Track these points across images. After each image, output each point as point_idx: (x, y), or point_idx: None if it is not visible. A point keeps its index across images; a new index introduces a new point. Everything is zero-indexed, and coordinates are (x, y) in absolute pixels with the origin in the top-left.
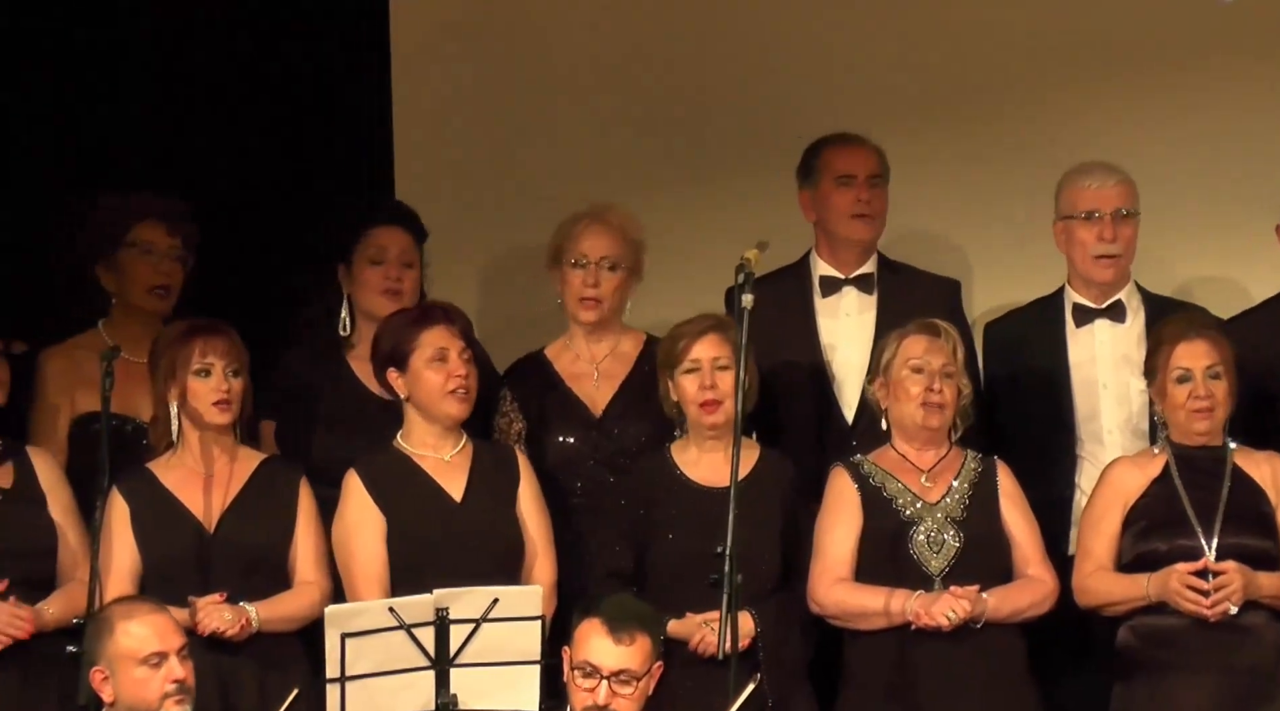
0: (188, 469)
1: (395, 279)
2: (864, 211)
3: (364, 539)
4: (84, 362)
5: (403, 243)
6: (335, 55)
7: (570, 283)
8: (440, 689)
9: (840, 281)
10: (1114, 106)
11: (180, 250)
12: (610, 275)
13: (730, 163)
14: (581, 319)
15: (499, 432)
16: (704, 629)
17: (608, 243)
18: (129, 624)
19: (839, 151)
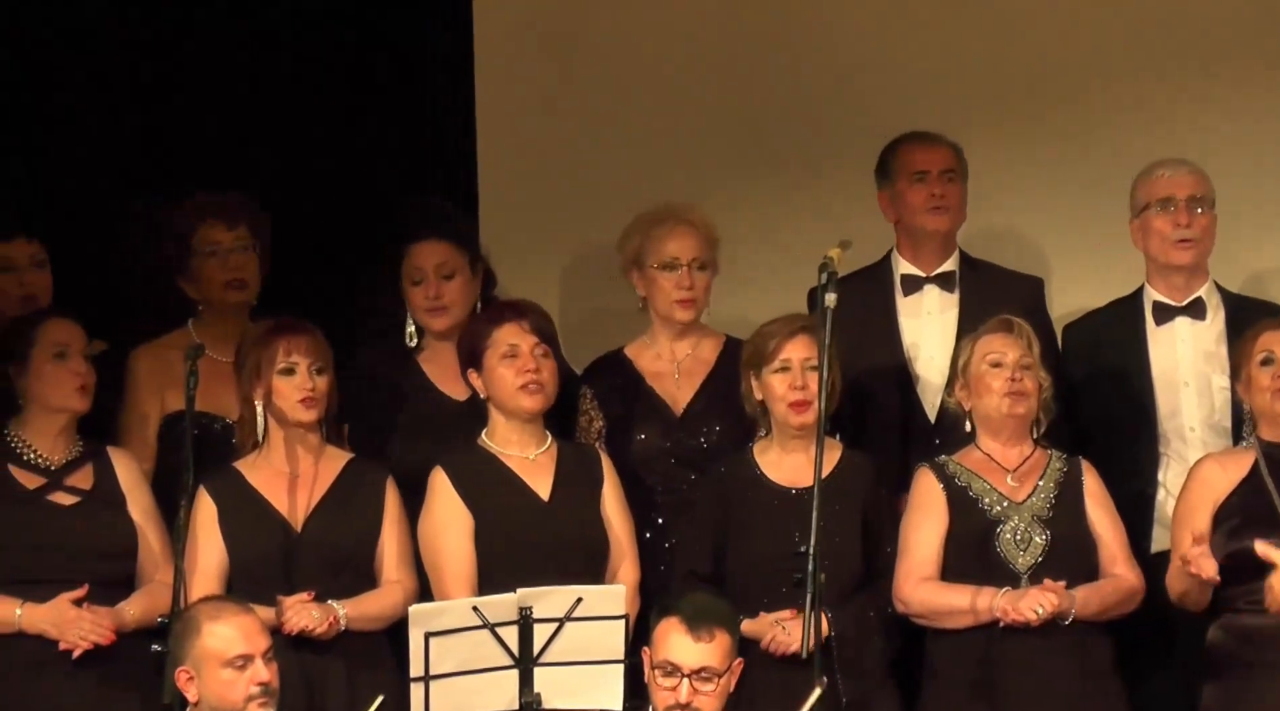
0: (274, 468)
1: (435, 297)
2: (938, 204)
3: (452, 537)
4: (174, 362)
5: (440, 255)
6: (419, 57)
7: (661, 285)
8: (524, 688)
9: (921, 280)
10: (1194, 105)
11: (247, 240)
12: (701, 274)
13: (810, 162)
14: (679, 318)
15: (580, 431)
16: (776, 628)
17: (695, 243)
18: (215, 625)
19: (913, 148)
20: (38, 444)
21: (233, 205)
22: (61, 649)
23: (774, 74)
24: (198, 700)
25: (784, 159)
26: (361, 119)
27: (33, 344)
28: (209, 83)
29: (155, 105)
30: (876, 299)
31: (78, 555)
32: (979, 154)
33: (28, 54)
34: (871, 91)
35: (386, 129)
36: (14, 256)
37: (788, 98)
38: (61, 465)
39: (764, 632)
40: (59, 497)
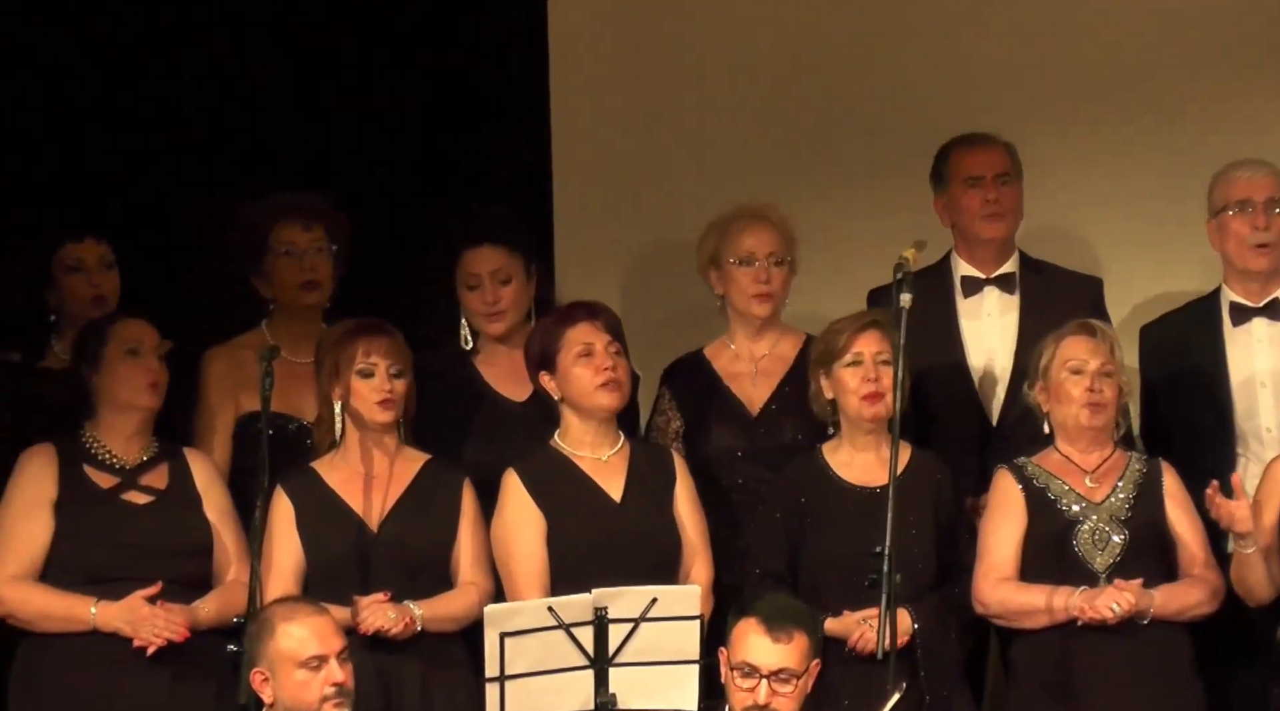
0: (351, 469)
1: (492, 302)
2: (994, 210)
3: (524, 538)
4: (247, 362)
5: (496, 261)
6: (492, 60)
7: (738, 281)
8: (599, 688)
9: (981, 281)
10: (1254, 104)
11: (322, 241)
12: (778, 270)
13: (875, 162)
14: (756, 313)
15: (657, 431)
16: (862, 626)
17: (772, 238)
18: (290, 626)
19: (965, 153)
20: (112, 444)
21: (311, 206)
22: (135, 646)
23: (840, 75)
24: (273, 701)
25: (850, 159)
26: (435, 121)
27: (105, 342)
28: (281, 82)
29: (230, 104)
30: (937, 301)
31: (152, 553)
32: (1039, 153)
33: (98, 53)
34: (935, 91)
35: (460, 132)
36: (84, 257)
37: (854, 98)
38: (136, 465)
39: (850, 631)
40: (133, 497)
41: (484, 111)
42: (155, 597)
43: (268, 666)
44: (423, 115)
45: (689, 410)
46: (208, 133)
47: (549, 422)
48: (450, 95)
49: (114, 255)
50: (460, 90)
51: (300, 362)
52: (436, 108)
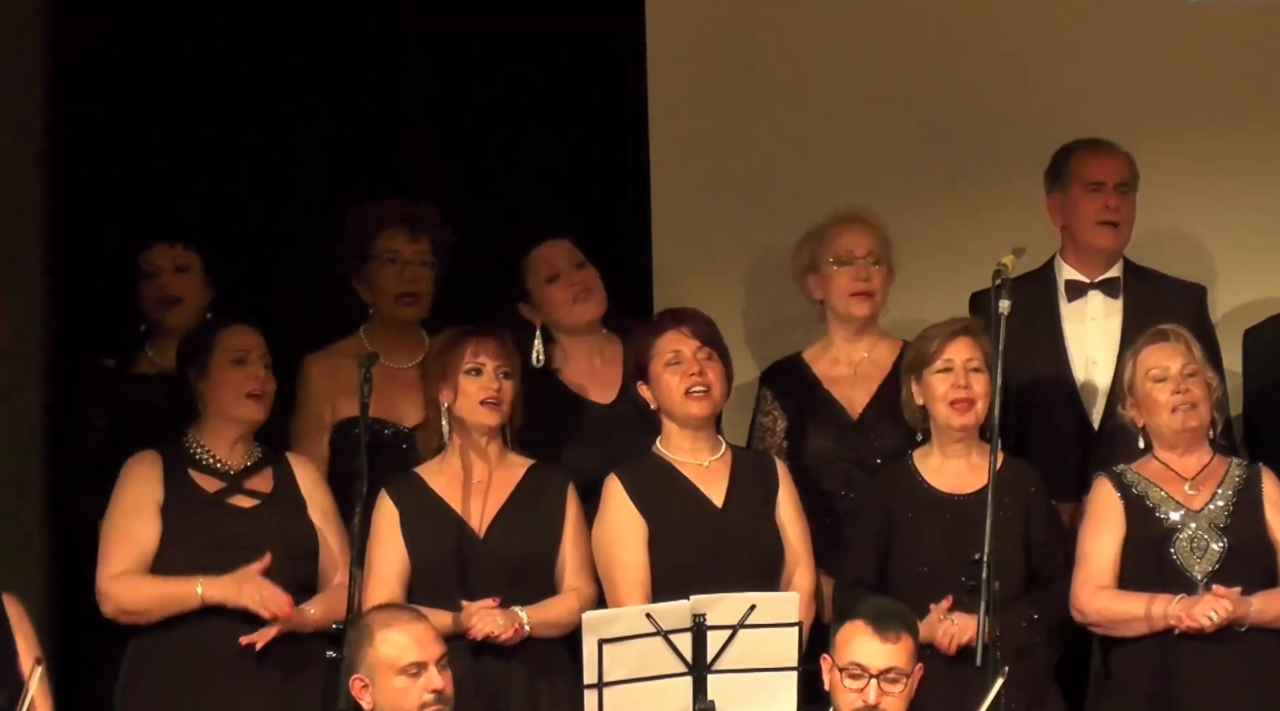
0: (455, 474)
1: (580, 283)
2: (1111, 218)
3: (626, 545)
4: (345, 368)
5: (566, 249)
6: (591, 67)
7: (837, 281)
8: (698, 695)
9: (1086, 285)
10: None
11: (427, 255)
12: (877, 270)
13: (980, 168)
14: (856, 313)
15: (762, 430)
16: (945, 621)
17: (869, 239)
18: (389, 633)
19: (1089, 157)
20: (216, 449)
21: (420, 216)
22: (243, 643)
23: (946, 81)
24: (372, 707)
25: (954, 165)
26: (533, 132)
27: (212, 350)
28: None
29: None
30: (1040, 304)
31: (257, 556)
32: (1147, 158)
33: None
34: (1042, 97)
35: (558, 141)
36: (158, 262)
37: (960, 104)
38: (240, 469)
39: (934, 631)
40: (239, 500)
41: (582, 119)
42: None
43: (367, 673)
44: (521, 126)
45: (789, 412)
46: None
47: (642, 419)
48: (547, 104)
49: (189, 258)
50: (557, 99)
51: (397, 368)
52: (534, 117)
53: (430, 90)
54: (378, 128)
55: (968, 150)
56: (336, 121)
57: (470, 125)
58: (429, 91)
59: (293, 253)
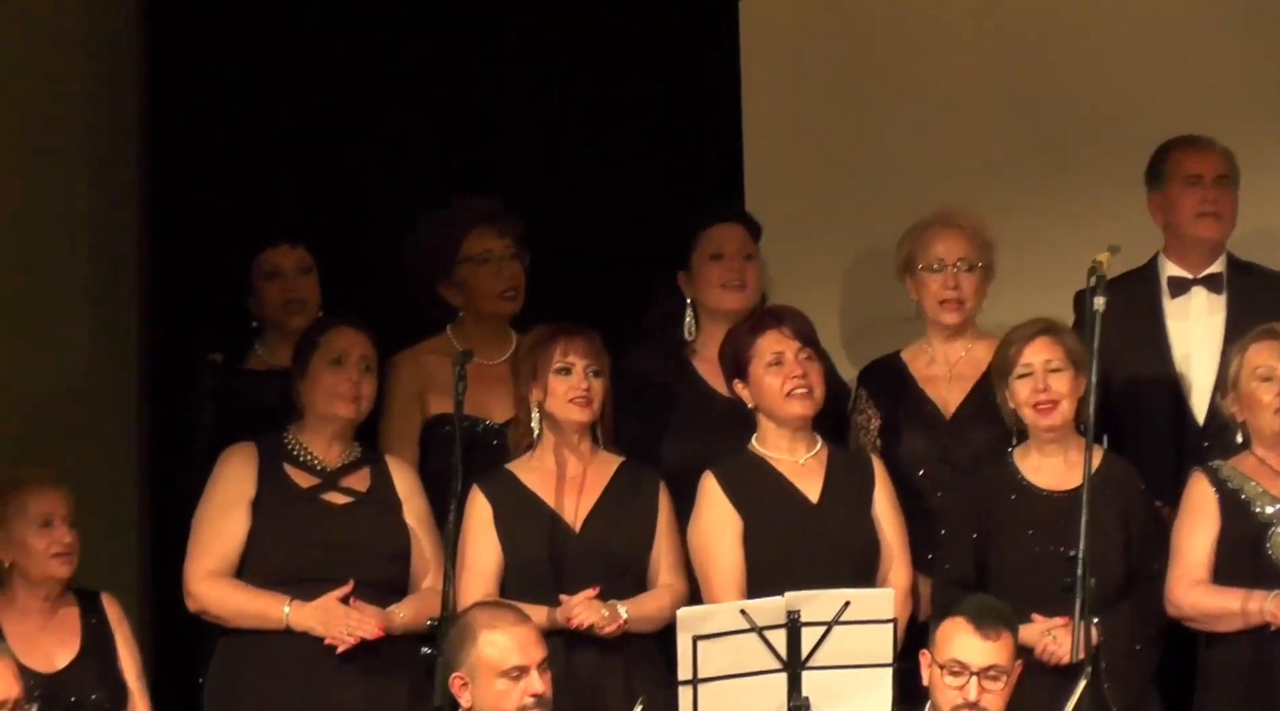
0: (546, 470)
1: (737, 271)
2: (1211, 210)
3: (721, 541)
4: (434, 366)
5: (740, 236)
6: (684, 57)
7: (928, 287)
8: (792, 691)
9: (1189, 282)
10: None
11: (514, 248)
12: (968, 276)
13: (1081, 167)
14: (945, 321)
15: (857, 429)
16: (1046, 637)
17: (962, 244)
18: (492, 634)
19: (1186, 153)
20: (314, 447)
21: (502, 213)
22: (328, 644)
23: (1047, 79)
24: (470, 706)
25: (1055, 163)
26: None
27: (314, 350)
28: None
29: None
30: (1143, 302)
31: (349, 554)
32: (1250, 156)
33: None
34: (1142, 94)
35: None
36: (281, 263)
37: (1060, 103)
38: (337, 467)
39: (1034, 641)
40: (333, 497)
41: (676, 117)
42: (348, 597)
43: (468, 672)
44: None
45: (885, 410)
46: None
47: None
48: (642, 102)
49: (312, 260)
50: (652, 97)
51: (486, 364)
52: (628, 114)
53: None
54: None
55: (1073, 147)
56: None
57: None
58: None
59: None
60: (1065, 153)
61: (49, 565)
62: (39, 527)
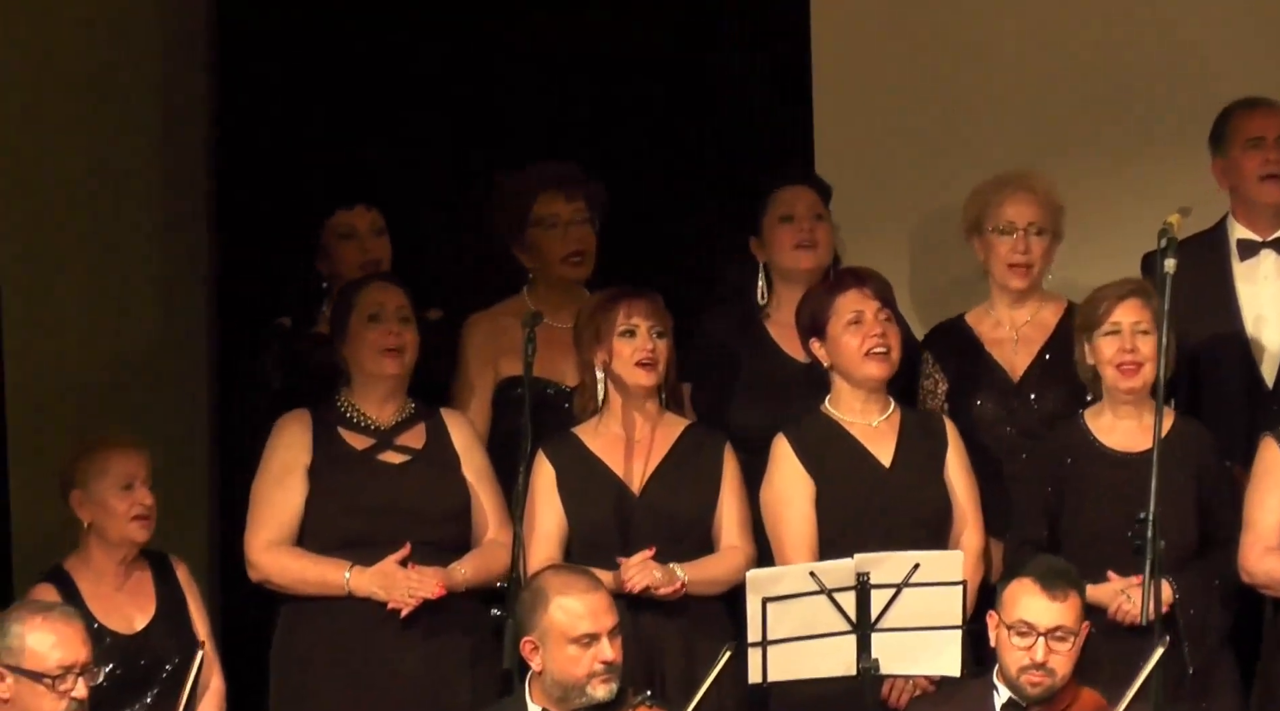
0: (612, 434)
1: (809, 231)
2: (1274, 171)
3: (793, 504)
4: (508, 329)
5: (809, 198)
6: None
7: (997, 250)
8: (861, 653)
9: (1258, 244)
10: None
11: (585, 213)
12: (1037, 240)
13: (1149, 129)
14: (1012, 285)
15: (925, 394)
16: (1121, 597)
17: (1033, 208)
18: (565, 600)
19: (1247, 115)
20: (366, 408)
21: (572, 176)
22: (390, 609)
23: (1114, 41)
24: (541, 670)
25: (1124, 123)
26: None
27: (351, 309)
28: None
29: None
30: (1212, 265)
31: (408, 514)
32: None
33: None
34: (1211, 58)
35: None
36: (355, 224)
37: (1128, 65)
38: (391, 426)
39: (1108, 600)
40: (389, 457)
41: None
42: (407, 559)
43: (539, 637)
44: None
45: (951, 374)
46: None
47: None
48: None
49: (384, 221)
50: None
51: (561, 327)
52: (696, 77)
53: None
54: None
55: (1141, 109)
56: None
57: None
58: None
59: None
60: (1135, 114)
61: (128, 528)
62: (120, 489)
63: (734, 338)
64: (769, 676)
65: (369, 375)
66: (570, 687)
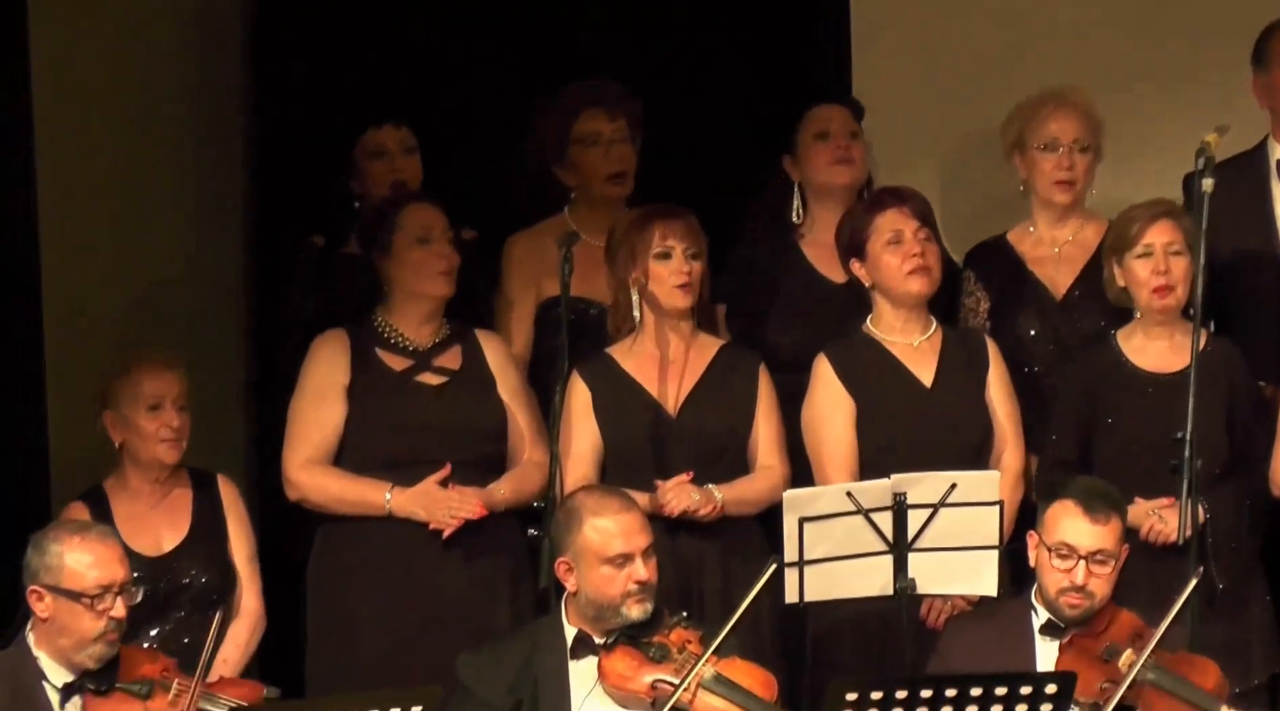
0: (647, 354)
1: (844, 147)
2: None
3: (834, 424)
4: (549, 248)
5: (844, 116)
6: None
7: (1041, 166)
8: (898, 573)
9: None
10: None
11: (626, 131)
12: (1081, 156)
13: (1191, 47)
14: (1057, 201)
15: (966, 312)
16: (1153, 517)
17: (1077, 124)
18: (598, 521)
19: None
20: (404, 328)
21: (613, 94)
22: (431, 529)
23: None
24: (575, 590)
25: (1165, 43)
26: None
27: (395, 230)
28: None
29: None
30: (1251, 185)
31: (446, 434)
32: None
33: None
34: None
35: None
36: (385, 142)
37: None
38: (428, 347)
39: (1140, 521)
40: (427, 378)
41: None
42: (447, 480)
43: (573, 557)
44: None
45: (994, 292)
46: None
47: (866, 306)
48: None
49: (415, 140)
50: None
51: (601, 246)
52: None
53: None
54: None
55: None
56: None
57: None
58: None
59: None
60: (1176, 33)
61: (156, 449)
62: (148, 410)
63: (769, 258)
64: (805, 596)
65: (414, 295)
66: (605, 607)
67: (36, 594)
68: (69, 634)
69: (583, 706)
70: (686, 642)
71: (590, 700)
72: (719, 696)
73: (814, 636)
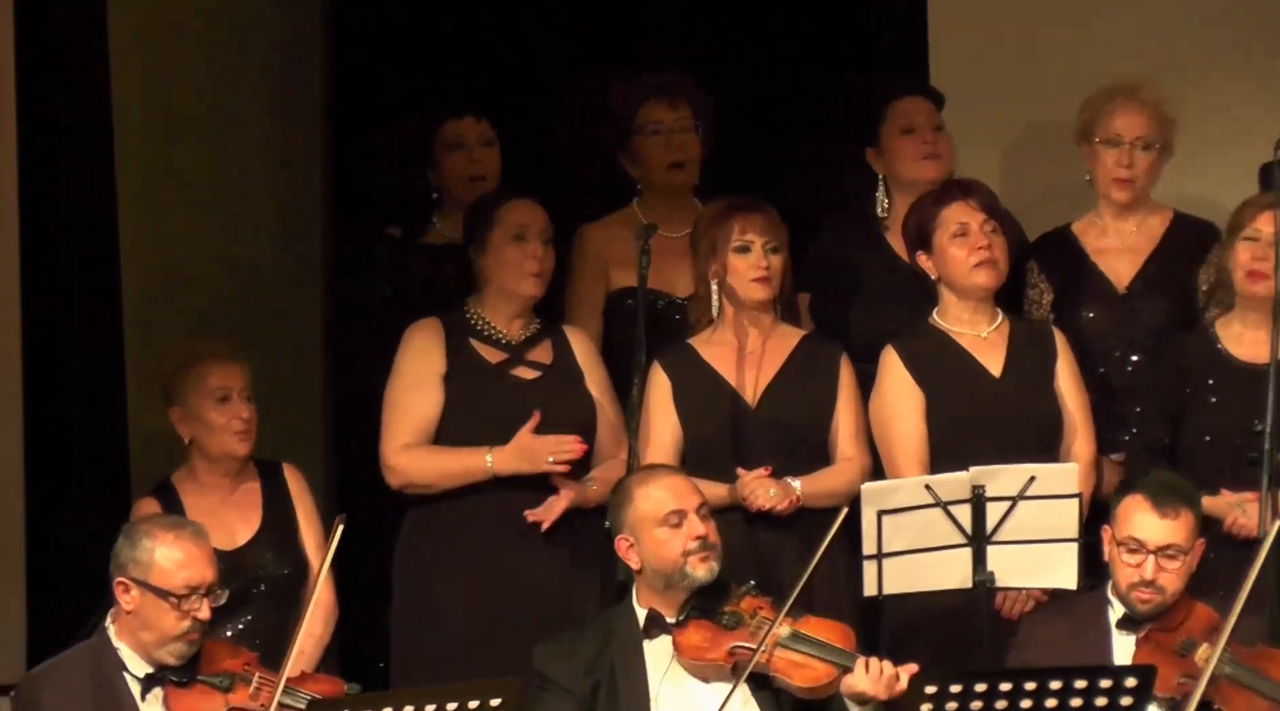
0: (727, 345)
1: (931, 142)
2: None
3: (903, 415)
4: (620, 239)
5: (928, 109)
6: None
7: (1103, 161)
8: (977, 566)
9: None
10: None
11: (689, 121)
12: (1143, 154)
13: (1266, 35)
14: (1114, 198)
15: (1030, 303)
16: (1236, 510)
17: (1142, 121)
18: (646, 488)
19: None
20: (495, 321)
21: (674, 84)
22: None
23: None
24: (640, 566)
25: (1239, 34)
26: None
27: (493, 225)
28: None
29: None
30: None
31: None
32: None
33: None
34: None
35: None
36: (464, 134)
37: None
38: (521, 341)
39: (1223, 513)
40: (522, 372)
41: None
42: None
43: (631, 532)
44: None
45: (1057, 283)
46: (588, 12)
47: None
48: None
49: (494, 132)
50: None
51: (671, 237)
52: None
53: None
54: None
55: (1256, 21)
56: None
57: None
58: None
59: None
60: (1250, 23)
61: (227, 441)
62: (216, 402)
63: (853, 248)
64: (884, 589)
65: (506, 292)
66: (670, 573)
67: (123, 585)
68: (152, 629)
69: (661, 685)
70: (758, 608)
71: (668, 678)
72: (798, 652)
73: (891, 630)
